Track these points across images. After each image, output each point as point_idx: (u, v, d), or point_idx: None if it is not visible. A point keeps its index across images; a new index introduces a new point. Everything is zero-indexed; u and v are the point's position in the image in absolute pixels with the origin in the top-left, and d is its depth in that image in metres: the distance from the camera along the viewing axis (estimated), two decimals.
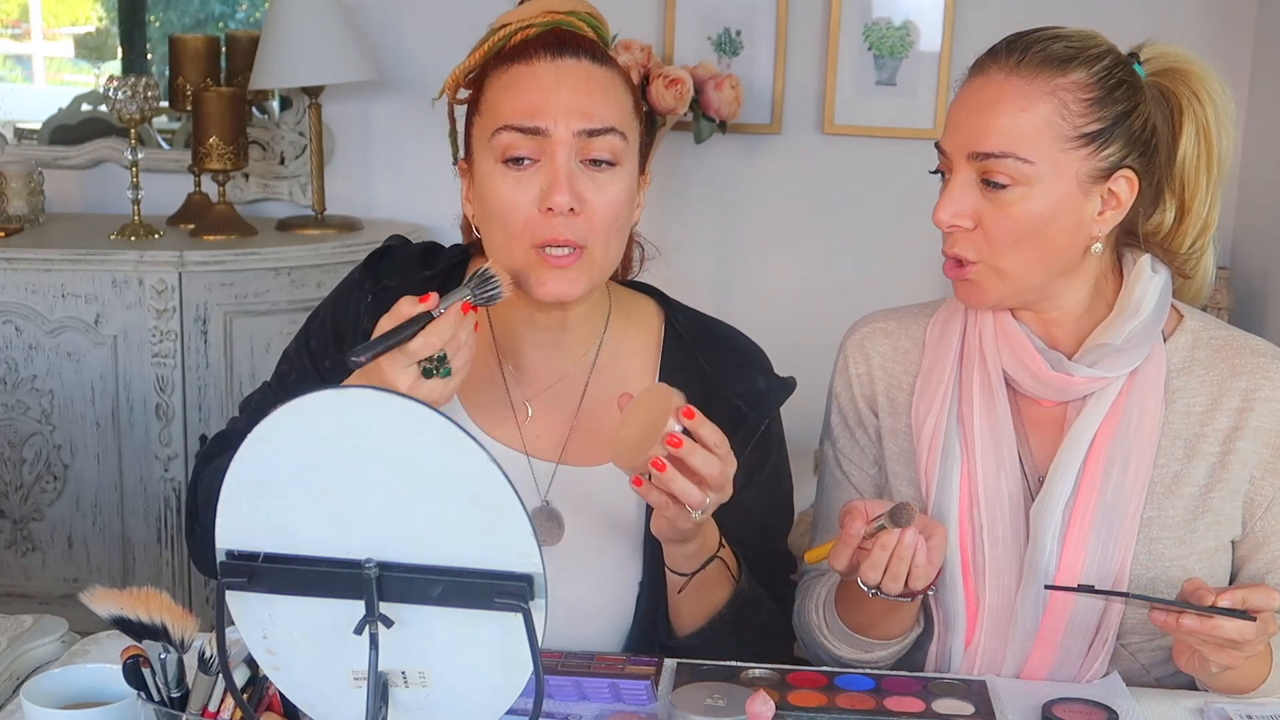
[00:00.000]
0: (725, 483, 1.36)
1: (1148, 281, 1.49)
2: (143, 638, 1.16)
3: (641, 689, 1.37)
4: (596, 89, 1.45)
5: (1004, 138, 1.41)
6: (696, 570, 1.48)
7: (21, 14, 3.85)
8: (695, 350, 1.59)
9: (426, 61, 3.33)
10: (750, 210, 3.43)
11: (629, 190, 1.48)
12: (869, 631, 1.49)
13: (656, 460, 1.32)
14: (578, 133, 1.43)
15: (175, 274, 2.98)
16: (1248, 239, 3.24)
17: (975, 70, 1.47)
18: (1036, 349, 1.49)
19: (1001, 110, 1.42)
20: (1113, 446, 1.47)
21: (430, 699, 1.06)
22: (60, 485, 3.08)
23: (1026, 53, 1.43)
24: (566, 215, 1.42)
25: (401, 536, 1.00)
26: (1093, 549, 1.46)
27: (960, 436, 1.52)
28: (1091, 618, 1.47)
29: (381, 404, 0.97)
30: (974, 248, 1.45)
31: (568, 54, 1.46)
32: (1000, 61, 1.44)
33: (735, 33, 3.32)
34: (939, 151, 1.47)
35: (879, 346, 1.61)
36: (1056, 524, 1.47)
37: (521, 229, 1.44)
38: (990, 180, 1.42)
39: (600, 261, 1.47)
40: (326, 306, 1.60)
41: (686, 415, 1.32)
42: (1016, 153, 1.41)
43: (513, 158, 1.44)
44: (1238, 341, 1.53)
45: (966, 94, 1.46)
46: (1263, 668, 1.43)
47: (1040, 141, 1.41)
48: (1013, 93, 1.42)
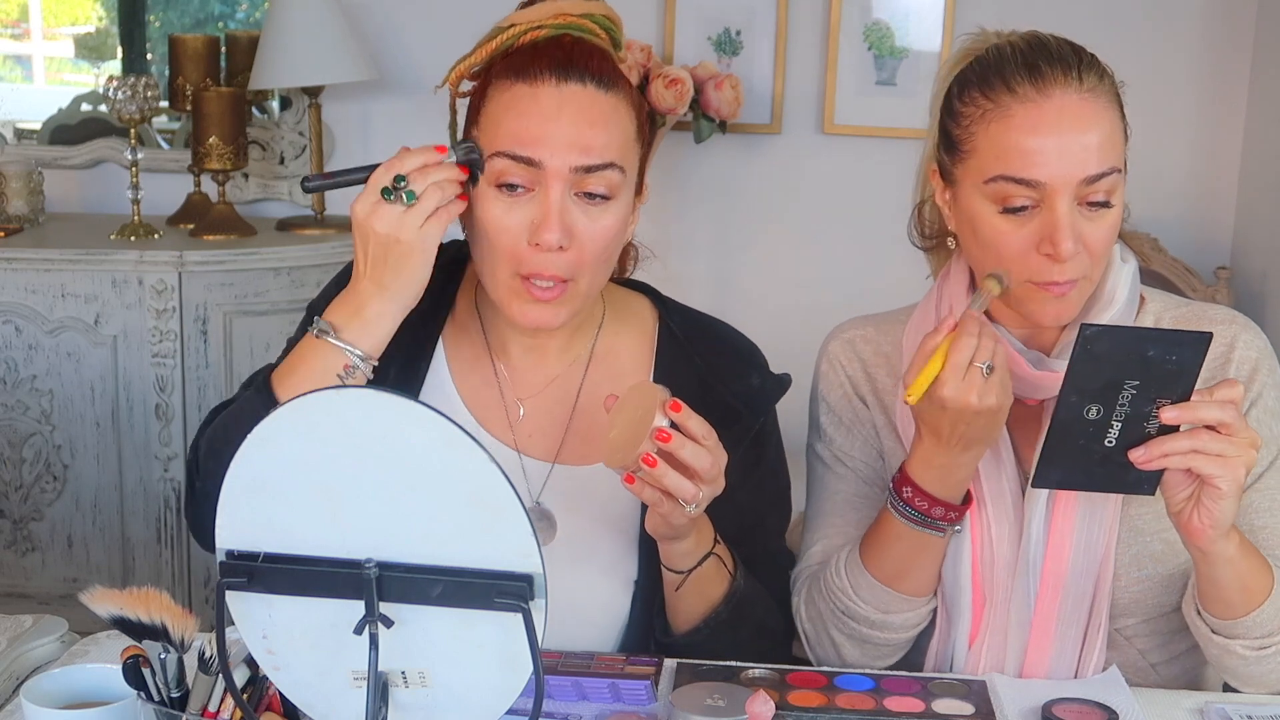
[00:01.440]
0: (717, 475, 1.36)
1: (1119, 271, 1.50)
2: (142, 638, 1.16)
3: (641, 689, 1.38)
4: (599, 120, 1.43)
5: (1106, 155, 1.40)
6: (693, 568, 1.48)
7: (21, 14, 3.85)
8: (690, 348, 1.59)
9: (426, 61, 3.33)
10: (750, 210, 3.43)
11: (622, 220, 1.47)
12: (898, 583, 1.48)
13: (647, 456, 1.32)
14: (574, 168, 1.41)
15: (175, 274, 2.98)
16: (1248, 239, 3.24)
17: (1031, 89, 1.40)
18: (1017, 351, 1.48)
19: (1093, 130, 1.40)
20: None
21: (430, 699, 1.06)
22: (60, 485, 3.08)
23: (1079, 64, 1.41)
24: (555, 251, 1.41)
25: (401, 536, 1.00)
26: (1078, 533, 1.48)
27: None
28: (1083, 602, 1.48)
29: (381, 404, 0.97)
30: (1084, 267, 1.43)
31: (574, 78, 1.43)
32: (1064, 79, 1.40)
33: (735, 33, 3.32)
34: (1024, 185, 1.39)
35: (862, 350, 1.61)
36: (1041, 511, 1.48)
37: (508, 255, 1.43)
38: (1094, 201, 1.40)
39: (585, 291, 1.46)
40: (327, 296, 1.59)
41: (673, 409, 1.33)
42: (1116, 166, 1.41)
43: (506, 184, 1.43)
44: (1198, 313, 1.55)
45: (1044, 122, 1.39)
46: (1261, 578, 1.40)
47: (1119, 147, 1.42)
48: (1092, 110, 1.40)
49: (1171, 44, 3.21)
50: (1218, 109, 3.24)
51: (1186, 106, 3.28)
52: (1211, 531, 1.34)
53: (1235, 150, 3.29)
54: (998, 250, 1.43)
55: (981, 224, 1.43)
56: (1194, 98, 3.28)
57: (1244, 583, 1.39)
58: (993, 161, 1.41)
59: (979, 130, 1.42)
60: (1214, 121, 3.26)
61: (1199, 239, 3.33)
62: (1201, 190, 3.35)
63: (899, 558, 1.48)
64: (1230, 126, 3.27)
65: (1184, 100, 3.27)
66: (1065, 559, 1.47)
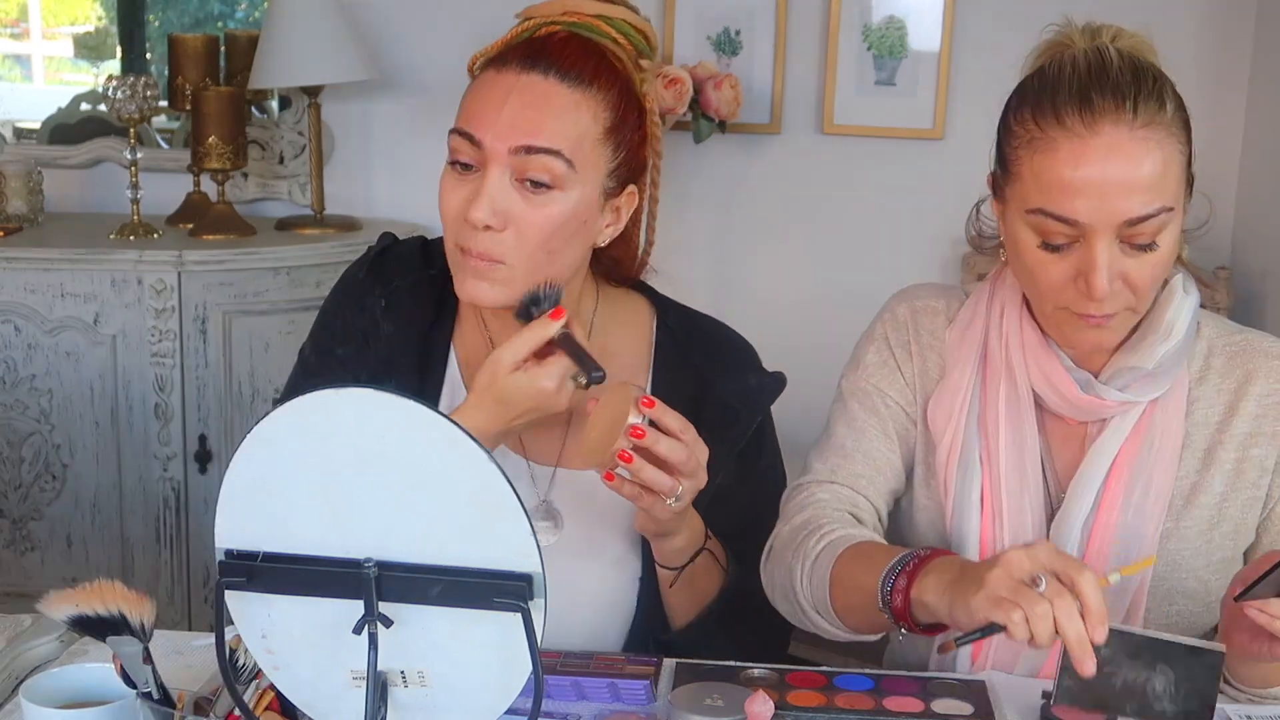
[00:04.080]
0: (696, 468, 1.39)
1: (1180, 303, 1.46)
2: (104, 633, 1.15)
3: (641, 689, 1.38)
4: (548, 109, 1.44)
5: (1154, 196, 1.34)
6: (685, 564, 1.50)
7: (21, 13, 3.85)
8: (687, 348, 1.60)
9: (426, 61, 3.33)
10: (749, 210, 3.43)
11: (570, 214, 1.46)
12: (843, 612, 1.42)
13: (623, 453, 1.35)
14: (513, 149, 1.43)
15: (174, 273, 2.98)
16: (1248, 239, 3.24)
17: (1079, 124, 1.35)
18: (1065, 368, 1.46)
19: (1142, 169, 1.34)
20: (1135, 467, 1.46)
21: (429, 699, 1.06)
22: (59, 485, 3.07)
23: (1137, 96, 1.36)
24: (483, 230, 1.44)
25: (401, 536, 1.00)
26: (1114, 564, 1.44)
27: (982, 448, 1.50)
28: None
29: (381, 404, 0.97)
30: (1124, 301, 1.39)
31: (537, 69, 1.46)
32: (1110, 116, 1.35)
33: (735, 32, 3.32)
34: (1063, 222, 1.35)
35: (925, 324, 1.56)
36: (1076, 540, 1.46)
37: (451, 228, 1.49)
38: (1138, 244, 1.35)
39: (522, 278, 1.46)
40: (337, 311, 1.60)
41: (646, 405, 1.36)
42: (1167, 205, 1.35)
43: (457, 160, 1.47)
44: (1253, 345, 1.51)
45: (1087, 160, 1.34)
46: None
47: (1173, 183, 1.37)
48: (1144, 148, 1.34)
49: (1171, 44, 3.19)
50: (1217, 109, 3.24)
51: (1185, 106, 3.27)
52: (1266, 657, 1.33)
53: (1234, 150, 3.28)
54: (1035, 279, 1.40)
55: (1023, 251, 1.40)
56: (1193, 98, 3.25)
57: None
58: (1035, 193, 1.36)
59: (1025, 157, 1.38)
60: (1213, 122, 3.25)
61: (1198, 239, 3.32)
62: (1200, 190, 3.34)
63: (856, 602, 1.40)
64: (1229, 127, 3.26)
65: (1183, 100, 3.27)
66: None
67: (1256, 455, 1.47)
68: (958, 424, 1.51)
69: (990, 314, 1.52)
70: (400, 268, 1.59)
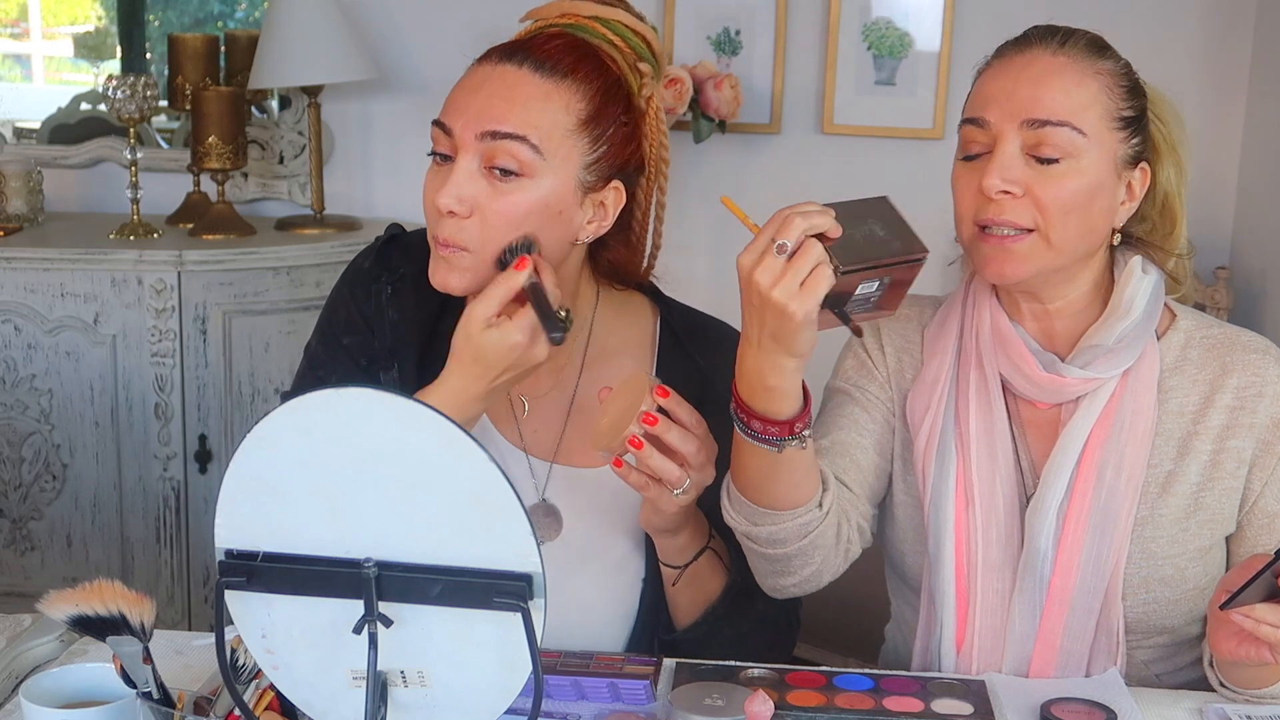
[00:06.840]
0: (705, 463, 1.39)
1: (1138, 282, 1.50)
2: (104, 633, 1.15)
3: (640, 689, 1.38)
4: (518, 97, 1.44)
5: (1061, 107, 1.42)
6: (688, 563, 1.50)
7: (21, 13, 3.85)
8: (690, 347, 1.61)
9: (426, 61, 3.33)
10: (750, 210, 3.40)
11: (539, 203, 1.44)
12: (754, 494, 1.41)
13: (633, 439, 1.35)
14: (479, 134, 1.43)
15: (174, 273, 2.98)
16: (1247, 239, 3.24)
17: (1013, 49, 1.47)
18: (1030, 350, 1.49)
19: (1056, 83, 1.43)
20: (1106, 448, 1.48)
21: (429, 699, 1.06)
22: (59, 484, 3.07)
23: (1069, 37, 1.46)
24: (449, 216, 1.44)
25: (401, 536, 1.00)
26: (1087, 551, 1.47)
27: (956, 436, 1.52)
28: (1089, 619, 1.47)
29: (381, 404, 0.97)
30: (1030, 216, 1.43)
31: (514, 61, 1.46)
32: (1044, 42, 1.46)
33: (735, 32, 3.32)
34: (975, 125, 1.46)
35: (898, 328, 1.61)
36: (1051, 526, 1.47)
37: (428, 216, 1.48)
38: (1040, 156, 1.42)
39: (489, 268, 1.44)
40: (344, 300, 1.60)
41: (661, 394, 1.37)
42: (1073, 122, 1.42)
43: (436, 151, 1.48)
44: (1230, 338, 1.53)
45: (1010, 68, 1.46)
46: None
47: (1091, 116, 1.43)
48: (1064, 68, 1.44)
49: (1170, 44, 3.21)
50: (1217, 110, 3.24)
51: (1185, 106, 3.26)
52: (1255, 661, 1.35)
53: (1234, 150, 3.28)
54: (956, 199, 1.47)
55: (953, 177, 1.48)
56: (1193, 98, 3.27)
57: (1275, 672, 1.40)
58: (965, 110, 1.48)
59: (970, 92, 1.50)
60: (1213, 122, 3.25)
61: (1198, 239, 3.32)
62: (1200, 190, 3.34)
63: (748, 468, 1.41)
64: (1229, 127, 3.26)
65: (1183, 100, 3.25)
66: (1074, 575, 1.47)
67: (1234, 447, 1.49)
68: (935, 414, 1.53)
69: (965, 307, 1.57)
70: (406, 257, 1.60)
